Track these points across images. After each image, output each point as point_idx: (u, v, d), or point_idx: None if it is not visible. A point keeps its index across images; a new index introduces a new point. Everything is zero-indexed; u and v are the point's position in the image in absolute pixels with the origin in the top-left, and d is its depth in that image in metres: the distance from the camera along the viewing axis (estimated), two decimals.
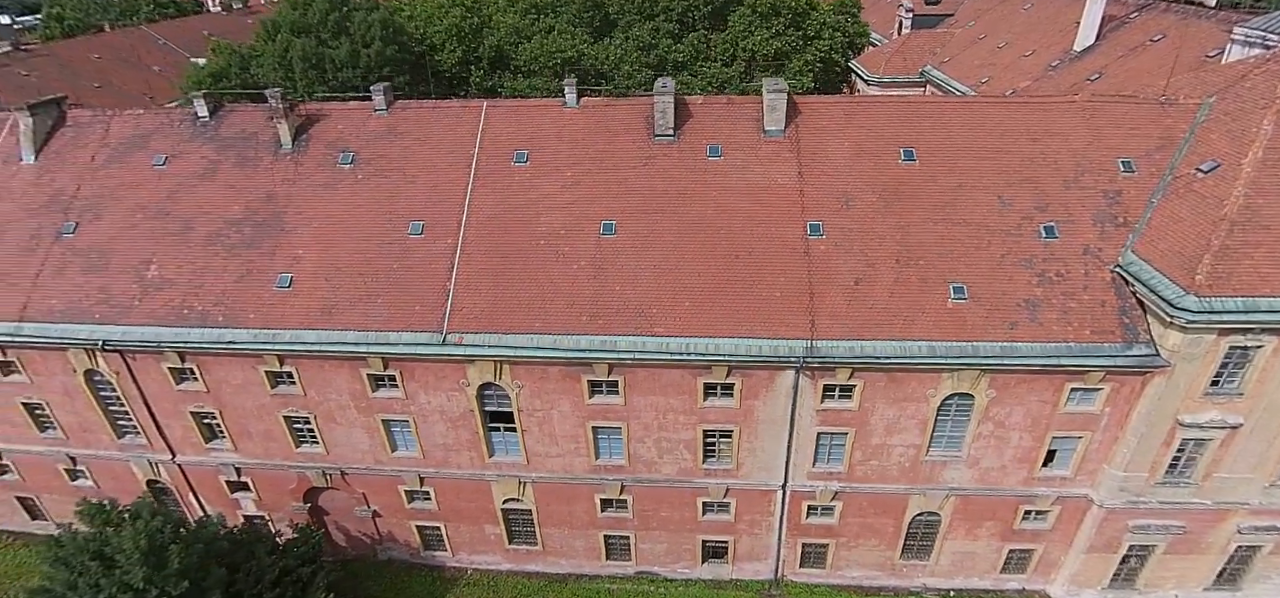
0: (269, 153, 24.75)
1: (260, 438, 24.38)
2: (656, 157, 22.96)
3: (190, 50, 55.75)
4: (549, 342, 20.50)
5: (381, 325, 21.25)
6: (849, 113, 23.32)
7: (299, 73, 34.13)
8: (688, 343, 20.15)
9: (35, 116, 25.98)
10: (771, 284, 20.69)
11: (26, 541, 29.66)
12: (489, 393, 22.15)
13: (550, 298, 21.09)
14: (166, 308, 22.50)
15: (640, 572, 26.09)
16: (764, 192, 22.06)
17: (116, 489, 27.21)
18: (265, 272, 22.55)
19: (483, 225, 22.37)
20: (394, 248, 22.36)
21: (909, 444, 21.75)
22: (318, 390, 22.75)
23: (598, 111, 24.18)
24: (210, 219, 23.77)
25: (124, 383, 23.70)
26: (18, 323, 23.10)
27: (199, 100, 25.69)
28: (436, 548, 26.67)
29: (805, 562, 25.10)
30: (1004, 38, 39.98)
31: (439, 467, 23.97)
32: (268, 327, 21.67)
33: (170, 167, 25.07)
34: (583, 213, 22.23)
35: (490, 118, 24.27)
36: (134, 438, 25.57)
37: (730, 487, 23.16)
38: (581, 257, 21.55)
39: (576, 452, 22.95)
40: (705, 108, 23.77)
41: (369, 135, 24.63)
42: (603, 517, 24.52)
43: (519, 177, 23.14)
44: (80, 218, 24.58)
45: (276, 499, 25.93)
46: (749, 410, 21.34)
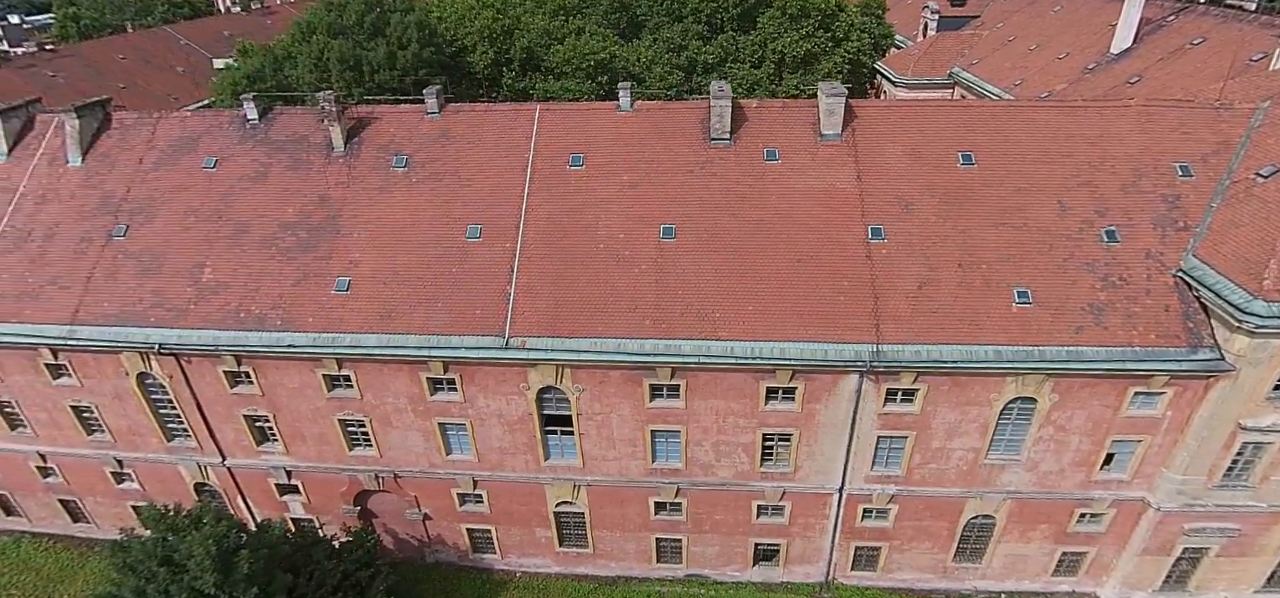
0: (321, 155, 24.71)
1: (313, 441, 24.34)
2: (713, 160, 22.97)
3: (212, 51, 55.66)
4: (613, 345, 20.50)
5: (443, 329, 21.22)
6: (905, 116, 23.35)
7: (336, 74, 34.06)
8: (753, 347, 20.16)
9: (82, 119, 25.94)
10: (835, 288, 20.70)
11: (67, 543, 29.59)
12: (548, 396, 22.14)
13: (612, 302, 21.08)
14: (223, 311, 22.45)
15: (690, 574, 26.11)
16: (823, 195, 22.08)
17: (163, 492, 27.21)
18: (322, 275, 22.51)
19: (541, 229, 22.35)
20: (452, 252, 22.33)
21: (969, 448, 21.80)
22: (375, 394, 22.72)
23: (652, 115, 24.18)
24: (264, 222, 23.72)
25: (177, 386, 23.64)
26: (71, 326, 23.02)
27: (249, 103, 25.62)
28: (485, 551, 26.67)
29: (856, 564, 25.15)
30: (1035, 40, 40.07)
31: (494, 470, 23.95)
32: (327, 330, 21.63)
33: (221, 169, 25.01)
34: (641, 216, 22.23)
35: (544, 121, 24.25)
36: (184, 441, 25.52)
37: (787, 490, 23.19)
38: (642, 260, 21.54)
39: (633, 455, 22.95)
40: (760, 111, 23.78)
41: (422, 138, 24.60)
42: (655, 520, 24.53)
43: (575, 180, 23.12)
44: (131, 221, 24.52)
45: (326, 502, 25.90)
46: (810, 414, 21.36)
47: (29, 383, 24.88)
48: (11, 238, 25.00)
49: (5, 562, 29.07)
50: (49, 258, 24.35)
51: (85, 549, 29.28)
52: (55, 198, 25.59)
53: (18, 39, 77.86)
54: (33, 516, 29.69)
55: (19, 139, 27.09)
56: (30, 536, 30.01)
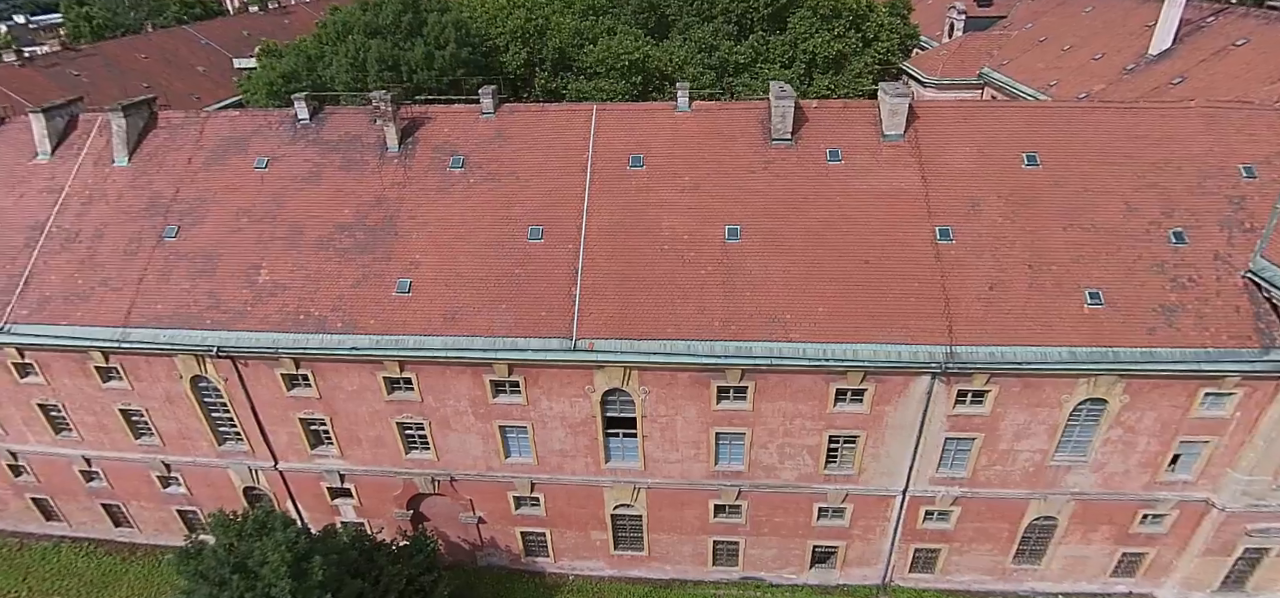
0: (375, 156, 24.47)
1: (369, 444, 24.09)
2: (775, 161, 22.83)
3: (232, 51, 55.25)
4: (682, 348, 20.33)
5: (508, 331, 21.01)
6: (967, 117, 23.26)
7: (374, 74, 33.79)
8: (825, 349, 20.02)
9: (128, 118, 25.64)
10: (905, 289, 20.58)
11: (109, 548, 29.24)
12: (612, 399, 21.95)
13: (679, 304, 20.91)
14: (281, 313, 22.18)
15: (745, 577, 25.97)
16: (888, 196, 21.96)
17: (211, 496, 26.97)
18: (382, 277, 22.26)
19: (603, 230, 22.16)
20: (514, 253, 22.12)
21: (1036, 449, 21.70)
22: (435, 397, 22.49)
23: (710, 115, 24.03)
24: (319, 223, 23.46)
25: (232, 389, 23.36)
26: (124, 328, 22.72)
27: (300, 102, 25.36)
28: (538, 554, 26.46)
29: (915, 566, 25.04)
30: (1068, 41, 40.08)
31: (553, 473, 23.75)
32: (389, 332, 21.39)
33: (272, 169, 24.74)
34: (705, 217, 22.07)
35: (601, 121, 24.07)
36: (235, 445, 25.23)
37: (850, 493, 23.06)
38: (708, 262, 21.38)
39: (696, 458, 22.79)
40: (820, 112, 23.65)
41: (478, 139, 24.39)
42: (714, 522, 24.37)
43: (636, 181, 22.95)
44: (181, 221, 24.23)
45: (378, 506, 25.65)
46: (879, 416, 21.24)
47: (77, 386, 24.56)
48: (58, 239, 24.69)
49: (46, 567, 28.73)
50: (98, 259, 24.04)
51: (127, 554, 28.96)
52: (102, 198, 25.28)
53: (26, 40, 77.07)
54: (73, 520, 29.34)
55: (62, 139, 26.80)
56: (70, 541, 29.65)
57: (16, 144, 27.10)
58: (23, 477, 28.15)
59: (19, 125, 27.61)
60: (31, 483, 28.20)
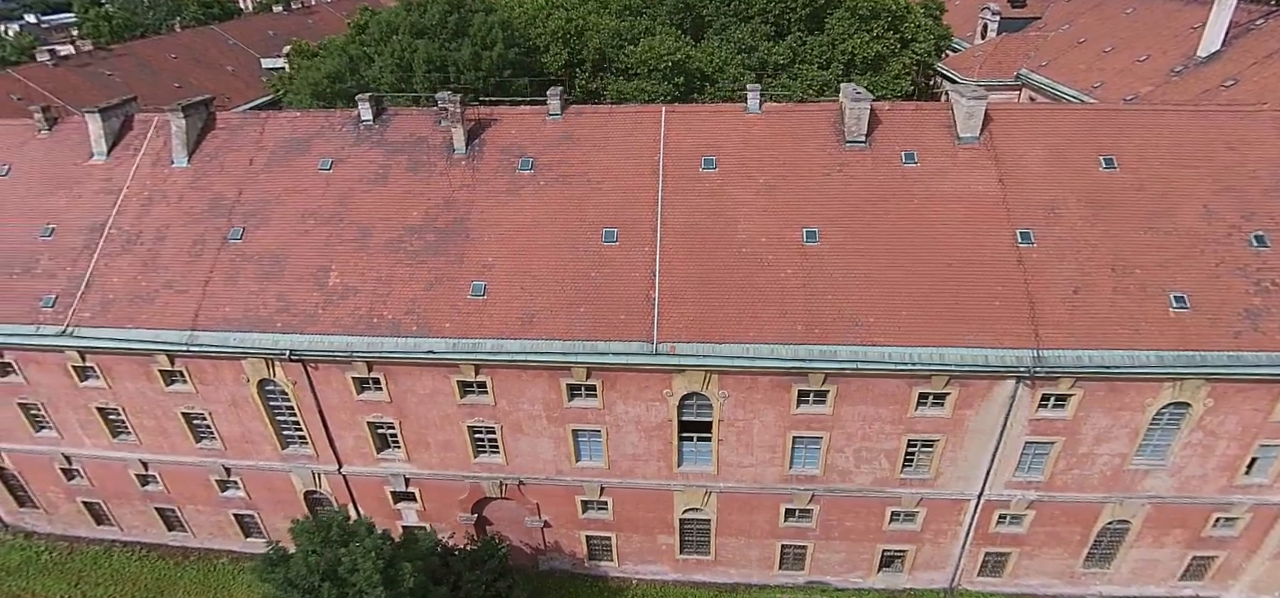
0: (442, 157, 24.28)
1: (437, 448, 23.90)
2: (850, 163, 22.70)
3: (258, 50, 54.95)
4: (766, 351, 20.18)
5: (587, 334, 20.83)
6: (1040, 119, 23.18)
7: (420, 75, 33.56)
8: (910, 352, 19.89)
9: (187, 118, 25.41)
10: (988, 293, 20.46)
11: (161, 552, 28.98)
12: (689, 403, 21.79)
13: (759, 307, 20.76)
14: (354, 316, 21.98)
15: (811, 581, 25.84)
16: (966, 199, 21.84)
17: (270, 500, 26.78)
18: (456, 279, 22.07)
19: (679, 233, 22.01)
20: (589, 255, 21.95)
21: (1115, 453, 21.61)
22: (509, 400, 22.31)
23: (781, 117, 23.90)
24: (388, 225, 23.26)
25: (300, 392, 23.14)
26: (191, 331, 22.49)
27: (364, 103, 25.15)
28: (602, 558, 26.29)
29: (983, 570, 24.93)
30: (1109, 42, 40.04)
31: (623, 477, 23.59)
32: (466, 335, 21.21)
33: (337, 171, 24.53)
34: (782, 219, 21.93)
35: (670, 123, 23.92)
36: (298, 448, 25.01)
37: (924, 497, 22.94)
38: (786, 264, 21.24)
39: (771, 461, 22.64)
40: (893, 114, 23.54)
41: (545, 140, 24.22)
42: (784, 526, 24.23)
43: (709, 183, 22.80)
44: (246, 223, 24.01)
45: (442, 510, 25.45)
46: (960, 420, 21.12)
47: (139, 390, 24.32)
48: (119, 240, 24.45)
49: (99, 572, 28.46)
50: (161, 261, 23.81)
51: (180, 558, 28.71)
52: (162, 199, 25.05)
53: (45, 41, 76.54)
54: (125, 524, 29.07)
55: (118, 139, 26.56)
56: (120, 545, 29.39)
57: (71, 144, 26.86)
58: (75, 480, 27.87)
59: (72, 125, 27.38)
60: (84, 487, 27.92)
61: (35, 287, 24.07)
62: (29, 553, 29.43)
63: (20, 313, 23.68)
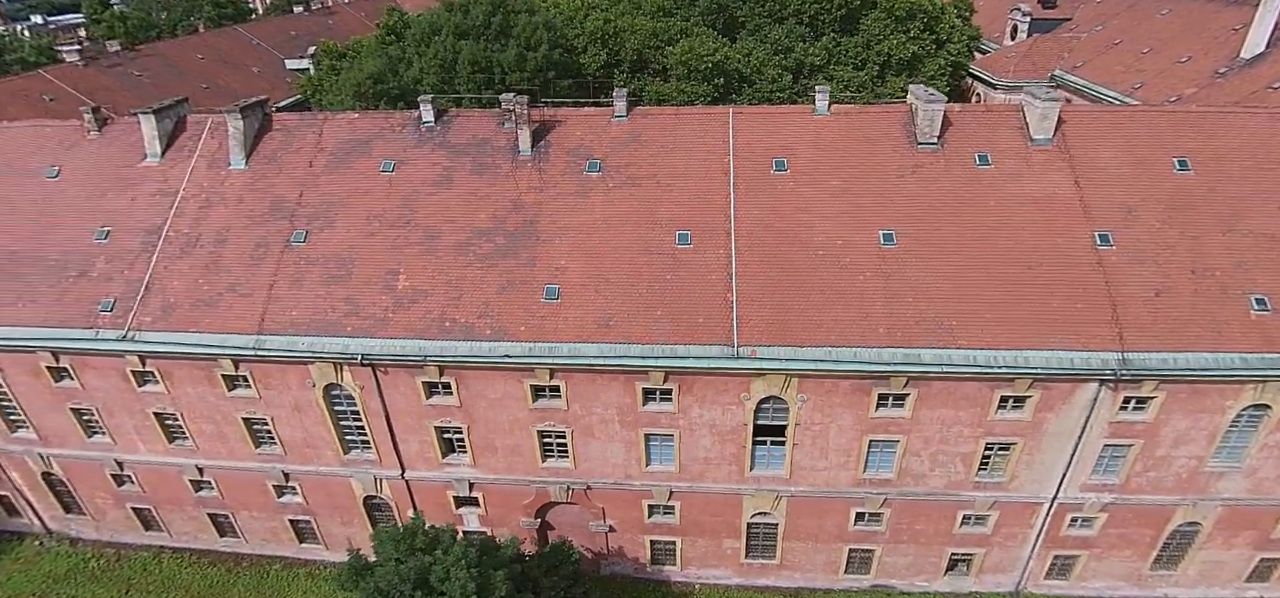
0: (507, 159, 24.06)
1: (504, 453, 23.68)
2: (923, 165, 22.59)
3: (282, 51, 54.53)
4: (848, 355, 20.04)
5: (665, 338, 20.65)
6: (1113, 122, 23.11)
7: (465, 77, 33.31)
8: (994, 355, 19.78)
9: (245, 119, 25.11)
10: (1069, 295, 20.38)
11: (213, 558, 28.63)
12: (766, 406, 21.63)
13: (839, 309, 20.63)
14: (425, 320, 21.74)
15: (876, 585, 25.71)
16: (1042, 201, 21.76)
17: (328, 506, 26.52)
18: (528, 283, 21.86)
19: (753, 235, 21.85)
20: (663, 259, 21.77)
21: (1192, 455, 21.56)
22: (582, 405, 22.11)
23: (850, 118, 23.78)
24: (456, 228, 23.03)
25: (367, 397, 22.89)
26: (258, 335, 22.20)
27: (426, 104, 24.90)
28: (665, 563, 26.10)
29: (1051, 573, 24.85)
30: (1146, 43, 40.10)
31: (693, 481, 23.41)
32: (541, 339, 20.99)
33: (400, 173, 24.28)
34: (857, 222, 21.80)
35: (738, 124, 23.77)
36: (361, 453, 24.73)
37: (998, 500, 22.84)
38: (865, 267, 21.11)
39: (844, 465, 22.51)
40: (963, 115, 23.45)
41: (612, 142, 24.03)
42: (853, 530, 24.10)
43: (781, 185, 22.66)
44: (309, 226, 23.74)
45: (505, 514, 25.22)
46: (1040, 423, 21.03)
47: (200, 395, 24.01)
48: (177, 243, 24.15)
49: (149, 578, 28.12)
50: (223, 264, 23.52)
51: (232, 564, 28.37)
52: (220, 202, 24.75)
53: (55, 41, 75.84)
54: (175, 530, 28.73)
55: (171, 140, 26.25)
56: (170, 551, 29.04)
57: (123, 146, 26.53)
58: (126, 486, 27.51)
59: (122, 127, 27.06)
60: (134, 492, 27.56)
61: (93, 290, 23.74)
62: (75, 560, 29.05)
63: (78, 317, 23.34)
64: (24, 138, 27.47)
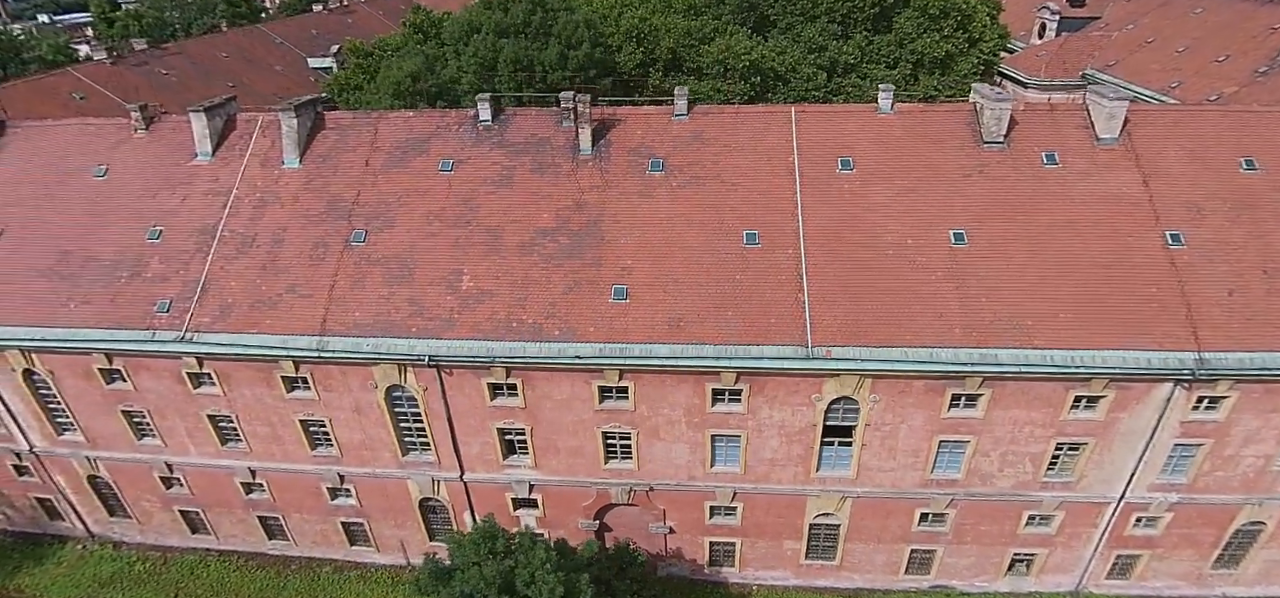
0: (567, 159, 23.88)
1: (566, 454, 23.51)
2: (990, 164, 22.50)
3: (304, 50, 54.16)
4: (924, 355, 19.94)
5: (737, 338, 20.52)
6: (1177, 121, 23.04)
7: (506, 76, 33.07)
8: (1072, 355, 19.72)
9: (298, 118, 24.86)
10: (1143, 295, 20.32)
11: (262, 561, 28.37)
12: (835, 407, 21.52)
13: (913, 310, 20.52)
14: (491, 321, 21.55)
15: (936, 585, 25.64)
16: (1111, 200, 21.69)
17: (382, 508, 26.34)
18: (595, 283, 21.69)
19: (821, 235, 21.73)
20: (731, 258, 21.64)
21: (1260, 454, 21.54)
22: (650, 406, 21.96)
23: (914, 117, 23.69)
24: (518, 228, 22.84)
25: (430, 399, 22.69)
26: (321, 337, 21.97)
27: (484, 103, 24.69)
28: (723, 564, 25.97)
29: (1112, 573, 24.83)
30: (1181, 42, 40.17)
31: (758, 482, 23.28)
32: (611, 340, 20.82)
33: (459, 172, 24.08)
34: (926, 221, 21.70)
35: (801, 124, 23.64)
36: (419, 455, 24.52)
37: (1064, 500, 22.78)
38: (937, 267, 21.01)
39: (912, 466, 22.42)
40: (1028, 114, 23.37)
41: (674, 141, 23.87)
42: (916, 531, 24.02)
43: (847, 184, 22.54)
44: (368, 225, 23.52)
45: (563, 516, 25.04)
46: (1112, 423, 20.98)
47: (257, 397, 23.77)
48: (233, 243, 23.90)
49: (197, 582, 27.85)
50: (281, 264, 23.28)
51: (281, 568, 28.11)
52: (275, 201, 24.50)
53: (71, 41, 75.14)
54: (222, 533, 28.46)
55: (222, 139, 25.98)
56: (216, 554, 28.77)
57: (172, 144, 26.26)
58: (174, 489, 27.23)
59: (169, 125, 26.78)
60: (183, 495, 27.28)
61: (147, 291, 23.48)
62: (120, 563, 28.76)
63: (133, 318, 23.07)
64: (70, 136, 27.18)
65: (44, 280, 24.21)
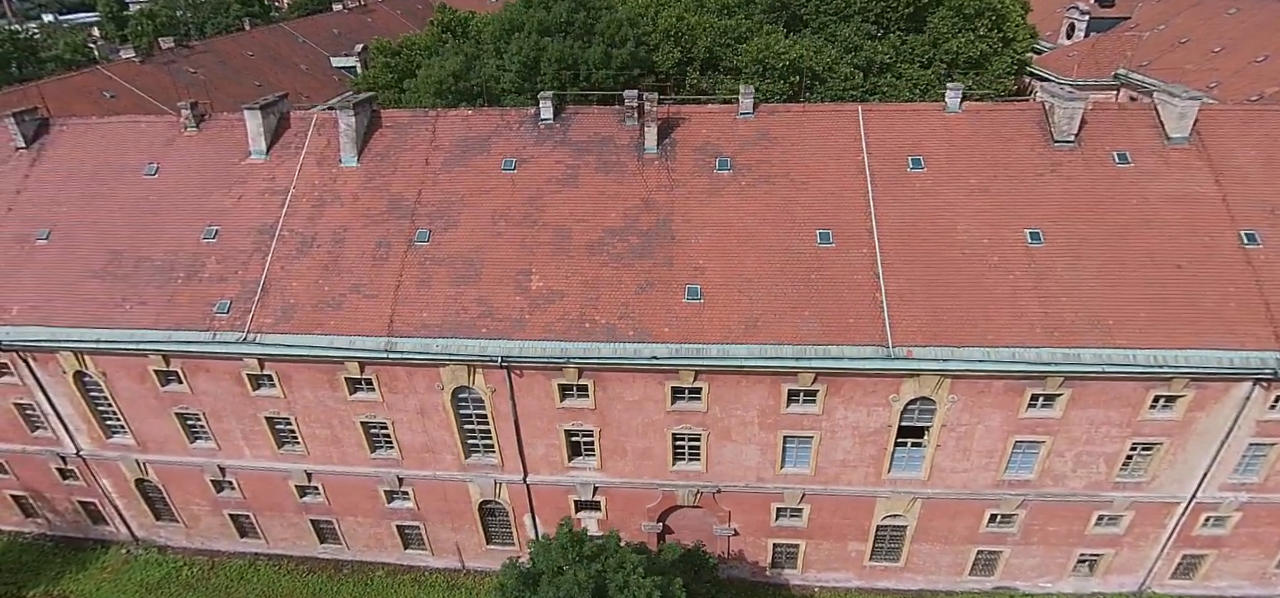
0: (632, 158, 23.67)
1: (633, 456, 23.28)
2: (1062, 163, 22.41)
3: (326, 49, 53.71)
4: (1006, 355, 19.80)
5: (815, 339, 20.34)
6: (1245, 121, 22.98)
7: (549, 75, 32.84)
8: (1154, 355, 19.62)
9: (356, 116, 24.55)
10: (1221, 294, 20.25)
11: (312, 565, 28.01)
12: (911, 407, 21.36)
13: (992, 309, 20.39)
14: (563, 321, 21.31)
15: (999, 586, 25.52)
16: (1185, 199, 21.63)
17: (440, 511, 26.07)
18: (668, 283, 21.48)
19: (895, 234, 21.58)
20: (806, 258, 21.47)
21: None
22: (723, 407, 21.75)
23: (983, 116, 23.57)
24: (586, 227, 22.61)
25: (498, 401, 22.43)
26: (388, 338, 21.67)
27: (546, 101, 24.45)
28: (785, 566, 25.78)
29: (1177, 573, 24.78)
30: (1217, 42, 40.27)
31: (827, 484, 23.10)
32: (687, 340, 20.61)
33: (522, 171, 23.84)
34: (1000, 220, 21.58)
35: (869, 122, 23.49)
36: (481, 458, 24.23)
37: (1135, 500, 22.71)
38: (1013, 266, 20.89)
39: (986, 467, 22.29)
40: (1096, 114, 23.26)
41: (740, 140, 23.69)
42: (984, 531, 23.89)
43: (918, 183, 22.40)
44: (431, 225, 23.25)
45: (625, 518, 24.78)
46: (1189, 422, 20.91)
47: (319, 399, 23.45)
48: (292, 242, 23.57)
49: (247, 586, 27.48)
50: (343, 265, 22.98)
51: (333, 572, 27.77)
52: (334, 200, 24.19)
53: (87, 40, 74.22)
54: (272, 537, 28.07)
55: (276, 137, 25.64)
56: (266, 558, 28.39)
57: (224, 143, 25.92)
58: (225, 492, 26.85)
59: (221, 123, 26.44)
60: (234, 499, 26.91)
61: (206, 292, 23.12)
62: (167, 568, 28.35)
63: (193, 319, 22.72)
64: (117, 133, 26.79)
65: (97, 281, 23.83)
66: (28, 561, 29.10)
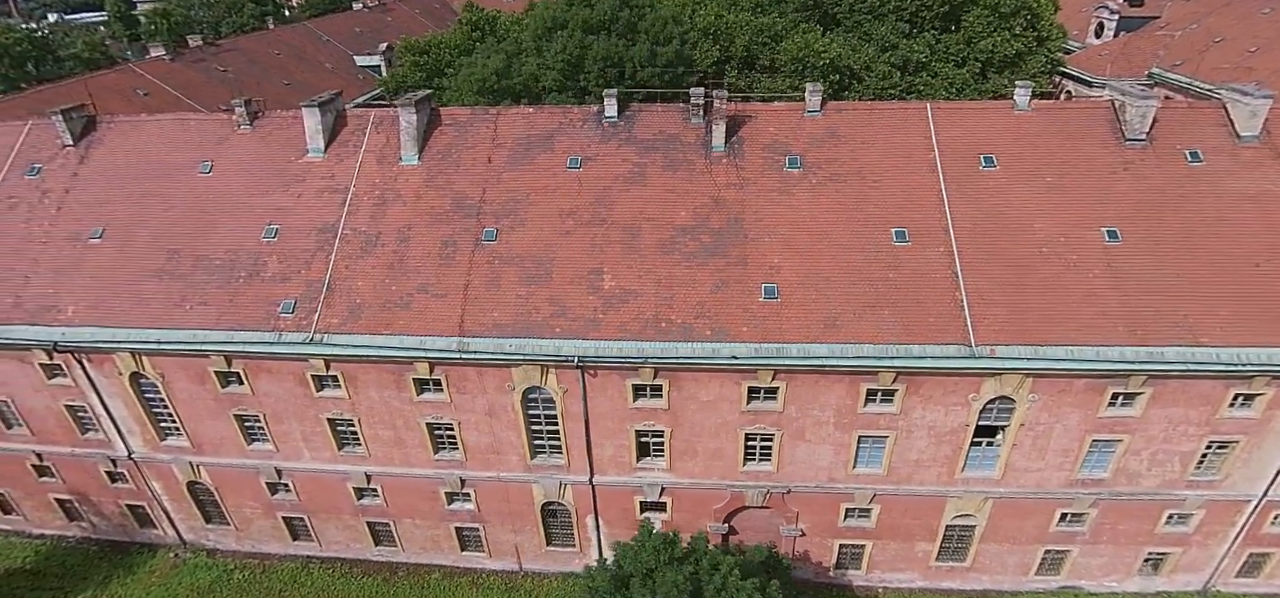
0: (700, 156, 23.50)
1: (703, 456, 23.10)
2: (1134, 162, 22.36)
3: (350, 48, 53.28)
4: (1090, 354, 19.72)
5: (896, 337, 20.21)
6: None
7: (594, 73, 32.60)
8: (1238, 353, 19.58)
9: (417, 113, 24.28)
10: None
11: (366, 568, 27.69)
12: (990, 406, 21.26)
13: (1074, 308, 20.30)
14: (638, 321, 21.11)
15: (1065, 586, 25.46)
16: (1259, 197, 21.59)
17: (501, 513, 25.83)
18: (742, 282, 21.31)
19: (971, 232, 21.48)
20: (881, 256, 21.33)
21: None
22: (799, 406, 21.59)
23: (1053, 115, 23.55)
24: (656, 226, 22.42)
25: (569, 401, 22.20)
26: (460, 338, 21.42)
27: (610, 98, 24.26)
28: (850, 567, 25.64)
29: (1242, 571, 24.77)
30: (1251, 42, 40.37)
31: (899, 484, 22.98)
32: (766, 340, 20.45)
33: (588, 169, 23.63)
34: (1075, 219, 21.50)
35: (939, 120, 23.39)
36: (547, 459, 24.00)
37: (1207, 499, 22.68)
38: (1092, 265, 20.82)
39: (1061, 466, 22.21)
40: (1166, 112, 23.24)
41: (808, 138, 23.54)
42: (1053, 530, 23.81)
43: (991, 181, 22.31)
44: (498, 224, 23.01)
45: (692, 520, 24.52)
46: (1267, 420, 20.87)
47: (384, 400, 23.18)
48: (356, 242, 23.31)
49: (299, 590, 27.14)
50: (409, 264, 22.72)
51: (387, 575, 27.46)
52: (396, 199, 23.93)
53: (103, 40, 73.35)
54: (325, 539, 27.74)
55: (334, 135, 25.35)
56: (317, 561, 28.05)
57: (280, 141, 25.62)
58: (279, 494, 26.52)
59: (275, 120, 26.15)
60: (289, 501, 26.58)
61: (268, 292, 22.82)
62: (217, 572, 27.97)
63: (256, 319, 22.41)
64: (169, 131, 26.46)
65: (155, 280, 23.49)
66: (73, 564, 28.68)
